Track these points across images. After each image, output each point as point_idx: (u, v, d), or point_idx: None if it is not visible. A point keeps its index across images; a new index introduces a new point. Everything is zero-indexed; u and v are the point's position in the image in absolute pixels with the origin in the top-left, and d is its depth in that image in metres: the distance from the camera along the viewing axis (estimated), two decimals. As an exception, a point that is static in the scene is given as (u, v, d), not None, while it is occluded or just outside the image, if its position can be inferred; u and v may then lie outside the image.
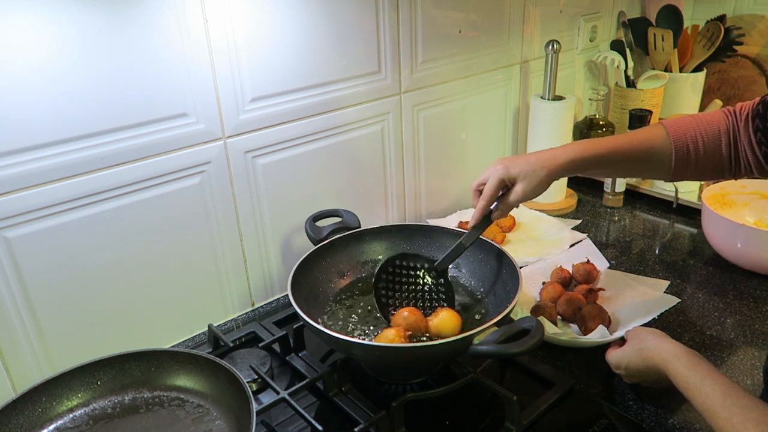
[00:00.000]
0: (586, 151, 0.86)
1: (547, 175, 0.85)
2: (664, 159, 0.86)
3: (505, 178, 0.87)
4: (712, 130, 0.85)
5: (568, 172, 0.86)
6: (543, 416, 0.82)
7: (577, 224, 1.35)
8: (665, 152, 0.86)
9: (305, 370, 0.91)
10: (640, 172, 0.93)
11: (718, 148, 0.85)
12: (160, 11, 0.84)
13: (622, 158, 0.87)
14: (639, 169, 0.92)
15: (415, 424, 0.82)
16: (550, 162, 0.85)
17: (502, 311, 0.81)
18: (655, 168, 0.89)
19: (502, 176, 0.87)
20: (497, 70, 1.38)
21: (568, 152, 0.86)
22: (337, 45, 1.05)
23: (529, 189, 0.86)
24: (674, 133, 0.86)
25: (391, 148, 1.22)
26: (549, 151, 0.87)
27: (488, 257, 0.99)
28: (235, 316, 1.09)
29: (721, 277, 1.15)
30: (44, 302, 0.85)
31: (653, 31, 1.57)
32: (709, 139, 0.85)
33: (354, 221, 1.08)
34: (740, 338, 0.98)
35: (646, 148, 0.87)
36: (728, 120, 0.85)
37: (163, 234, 0.94)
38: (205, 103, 0.93)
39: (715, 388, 0.68)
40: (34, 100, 0.77)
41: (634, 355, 0.82)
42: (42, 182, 0.80)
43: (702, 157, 0.85)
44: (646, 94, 1.54)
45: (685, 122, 0.87)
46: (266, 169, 1.04)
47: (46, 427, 0.76)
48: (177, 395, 0.81)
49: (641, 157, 0.87)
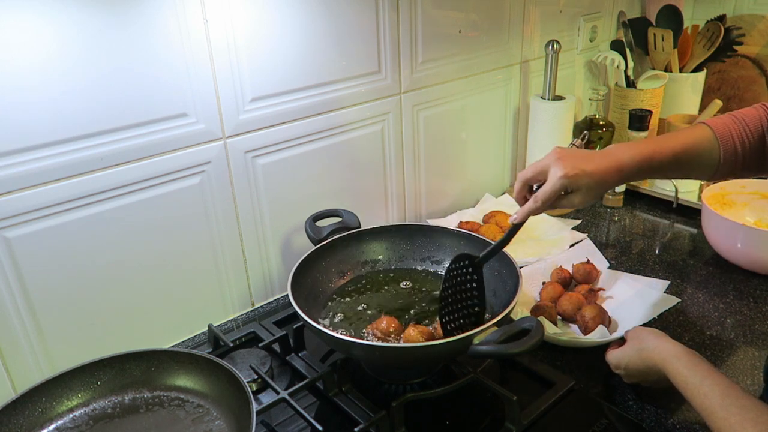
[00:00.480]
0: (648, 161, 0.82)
1: (607, 189, 0.84)
2: (712, 160, 0.85)
3: (570, 186, 0.79)
4: (755, 126, 0.84)
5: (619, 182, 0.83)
6: (543, 416, 0.82)
7: (577, 224, 1.35)
8: (714, 153, 0.84)
9: (305, 370, 0.91)
10: (686, 175, 0.91)
11: (762, 144, 0.84)
12: (160, 11, 0.84)
13: (678, 165, 0.85)
14: (686, 172, 0.89)
15: (415, 424, 0.82)
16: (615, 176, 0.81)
17: (502, 311, 0.81)
18: (701, 169, 0.87)
19: (568, 185, 0.79)
20: (497, 70, 1.38)
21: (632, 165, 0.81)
22: (337, 45, 1.05)
23: (586, 201, 0.81)
24: (721, 134, 0.84)
25: (391, 148, 1.22)
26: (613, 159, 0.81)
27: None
28: (235, 316, 1.09)
29: (721, 277, 1.15)
30: (44, 302, 0.85)
31: (653, 31, 1.57)
32: (753, 136, 0.84)
33: (354, 221, 1.08)
34: (740, 338, 0.98)
35: (700, 153, 0.85)
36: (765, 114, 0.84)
37: (163, 234, 0.94)
38: (205, 103, 0.93)
39: (714, 388, 0.68)
40: (34, 100, 0.77)
41: (633, 355, 0.82)
42: (42, 182, 0.80)
43: (748, 154, 0.84)
44: (646, 94, 1.54)
45: (728, 121, 0.85)
46: (266, 169, 1.04)
47: (46, 427, 0.76)
48: (177, 395, 0.81)
49: (695, 161, 0.85)
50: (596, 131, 1.53)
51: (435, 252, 1.06)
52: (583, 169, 0.78)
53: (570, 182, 0.78)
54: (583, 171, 0.78)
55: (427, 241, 1.06)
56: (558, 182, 0.78)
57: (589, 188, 0.79)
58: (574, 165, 0.79)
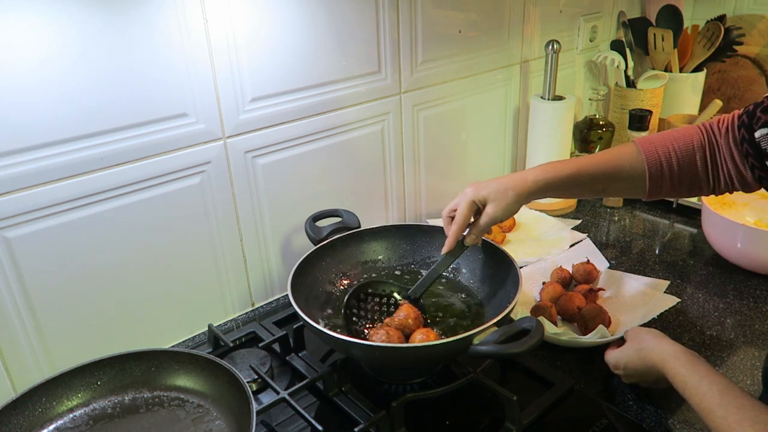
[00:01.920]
0: (554, 171, 0.86)
1: (516, 196, 0.86)
2: (638, 177, 0.86)
3: (475, 199, 0.87)
4: (686, 144, 0.84)
5: (536, 193, 0.87)
6: (543, 416, 0.82)
7: (577, 224, 1.35)
8: (638, 170, 0.85)
9: (305, 370, 0.91)
10: (613, 192, 0.93)
11: (693, 164, 0.84)
12: (160, 11, 0.84)
13: (591, 178, 0.87)
14: (611, 189, 0.91)
15: (415, 424, 0.82)
16: (519, 184, 0.86)
17: (502, 311, 0.81)
18: (628, 187, 0.88)
19: (473, 198, 0.87)
20: (497, 70, 1.38)
21: (536, 173, 0.87)
22: (337, 45, 1.05)
23: (498, 210, 0.86)
24: (646, 150, 0.85)
25: (391, 148, 1.22)
26: (519, 173, 0.88)
27: (488, 257, 0.99)
28: (235, 316, 1.09)
29: (721, 277, 1.15)
30: (44, 302, 0.85)
31: (653, 31, 1.57)
32: (683, 154, 0.84)
33: (354, 221, 1.08)
34: (740, 338, 0.98)
35: (616, 167, 0.86)
36: (702, 135, 0.84)
37: (163, 234, 0.94)
38: (205, 103, 0.93)
39: (713, 388, 0.68)
40: (33, 100, 0.77)
41: (633, 355, 0.82)
42: (42, 182, 0.80)
43: (677, 173, 0.84)
44: (646, 94, 1.54)
45: (656, 139, 0.86)
46: (266, 169, 1.04)
47: (46, 427, 0.76)
48: (177, 395, 0.81)
49: (611, 175, 0.86)
50: (596, 131, 1.53)
51: (435, 252, 1.05)
52: (486, 183, 0.88)
53: (473, 194, 0.87)
54: (485, 184, 0.88)
55: (427, 241, 1.06)
56: (464, 199, 0.88)
57: (495, 197, 0.86)
58: (479, 182, 0.89)
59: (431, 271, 0.92)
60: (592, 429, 0.80)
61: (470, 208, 0.88)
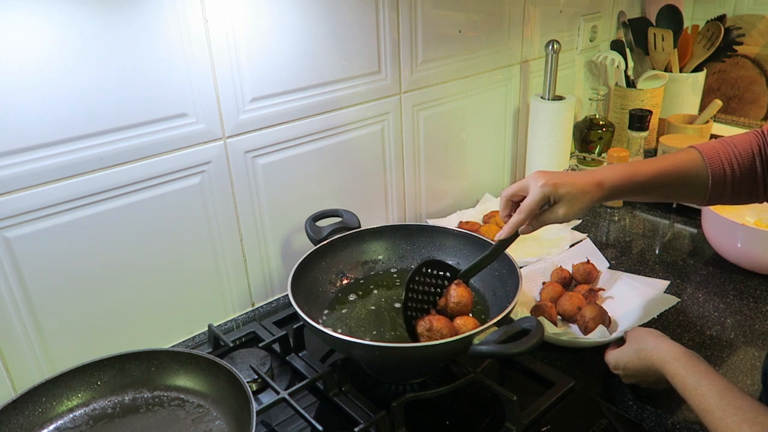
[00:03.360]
0: (629, 178, 0.84)
1: (590, 201, 0.82)
2: (701, 183, 0.84)
3: (551, 196, 0.81)
4: (746, 150, 0.83)
5: (609, 198, 0.84)
6: (543, 416, 0.82)
7: (577, 224, 1.35)
8: (702, 178, 0.84)
9: (305, 370, 0.91)
10: (676, 198, 0.91)
11: (753, 170, 0.83)
12: (160, 11, 0.84)
13: (663, 185, 0.85)
14: (676, 195, 0.89)
15: (415, 424, 0.82)
16: (596, 189, 0.82)
17: (502, 311, 0.81)
18: (691, 193, 0.87)
19: (549, 194, 0.81)
20: (497, 70, 1.38)
21: (612, 180, 0.83)
22: (337, 45, 1.05)
23: (571, 213, 0.82)
24: (709, 157, 0.84)
25: (391, 148, 1.22)
26: (594, 175, 0.83)
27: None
28: (235, 316, 1.09)
29: (721, 277, 1.15)
30: (44, 302, 0.85)
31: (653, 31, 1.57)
32: (744, 160, 0.83)
33: (354, 221, 1.08)
34: (740, 338, 0.98)
35: (683, 174, 0.85)
36: (759, 140, 0.84)
37: (163, 234, 0.94)
38: (205, 103, 0.93)
39: (712, 388, 0.68)
40: (34, 100, 0.77)
41: (632, 355, 0.82)
42: (42, 182, 0.80)
43: (738, 179, 0.84)
44: (646, 94, 1.54)
45: (718, 145, 0.85)
46: (266, 169, 1.04)
47: (46, 427, 0.76)
48: (177, 395, 0.81)
49: (681, 182, 0.85)
50: (596, 131, 1.53)
51: (435, 252, 1.05)
52: (563, 179, 0.81)
53: (551, 190, 0.80)
54: (563, 181, 0.81)
55: (427, 241, 1.06)
56: (539, 191, 0.81)
57: (571, 198, 0.81)
58: (555, 176, 0.82)
59: (484, 257, 0.89)
60: (592, 429, 0.80)
61: (542, 202, 0.82)
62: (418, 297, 0.88)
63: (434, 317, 0.84)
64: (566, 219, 0.82)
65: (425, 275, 0.89)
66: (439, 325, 0.82)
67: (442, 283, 0.90)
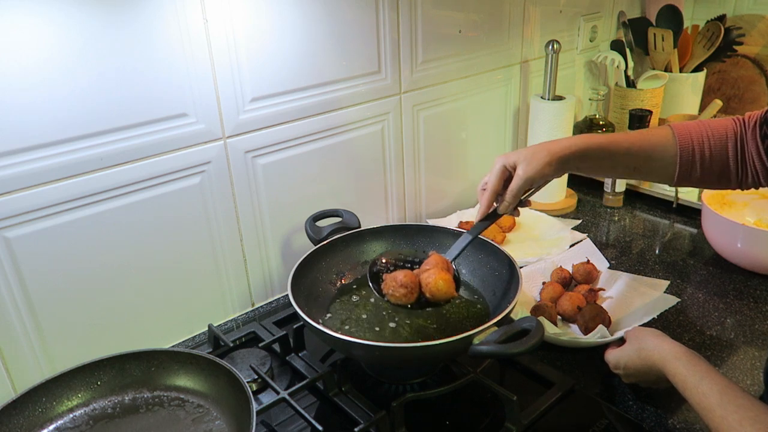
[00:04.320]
0: (589, 138, 0.86)
1: (548, 156, 0.83)
2: (669, 160, 0.86)
3: (506, 164, 0.86)
4: (719, 134, 0.84)
5: (570, 159, 0.85)
6: (543, 416, 0.82)
7: (577, 224, 1.35)
8: (670, 153, 0.85)
9: (305, 370, 0.91)
10: (643, 173, 0.92)
11: (724, 154, 0.84)
12: (160, 11, 0.84)
13: (625, 152, 0.86)
14: (643, 169, 0.90)
15: (415, 424, 0.82)
16: (552, 145, 0.85)
17: (502, 311, 0.81)
18: (659, 169, 0.88)
19: (503, 163, 0.86)
20: (497, 70, 1.38)
21: (571, 139, 0.86)
22: (337, 45, 1.05)
23: (529, 170, 0.83)
24: (680, 135, 0.85)
25: (391, 148, 1.22)
26: (548, 141, 0.87)
27: (488, 257, 0.99)
28: (235, 316, 1.09)
29: (721, 277, 1.15)
30: (44, 302, 0.85)
31: (653, 31, 1.57)
32: (716, 143, 0.84)
33: (354, 221, 1.08)
34: (740, 338, 0.98)
35: (650, 146, 0.86)
36: (736, 126, 0.84)
37: (163, 234, 0.94)
38: (205, 103, 0.93)
39: (713, 387, 0.68)
40: (33, 100, 0.77)
41: (633, 354, 0.82)
42: (42, 182, 0.80)
43: (708, 162, 0.84)
44: (646, 94, 1.54)
45: (692, 125, 0.86)
46: (266, 169, 1.04)
47: (46, 427, 0.76)
48: (177, 395, 0.81)
49: (645, 154, 0.86)
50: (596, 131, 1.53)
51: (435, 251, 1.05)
52: (516, 150, 0.88)
53: (504, 159, 0.86)
54: (516, 150, 0.87)
55: (427, 241, 1.06)
56: (495, 165, 0.87)
57: (525, 158, 0.84)
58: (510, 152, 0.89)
59: (461, 238, 0.92)
60: (592, 429, 0.80)
61: (500, 174, 0.86)
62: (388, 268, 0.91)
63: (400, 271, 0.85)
64: (528, 179, 0.84)
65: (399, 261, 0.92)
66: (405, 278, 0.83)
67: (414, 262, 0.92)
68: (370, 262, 0.92)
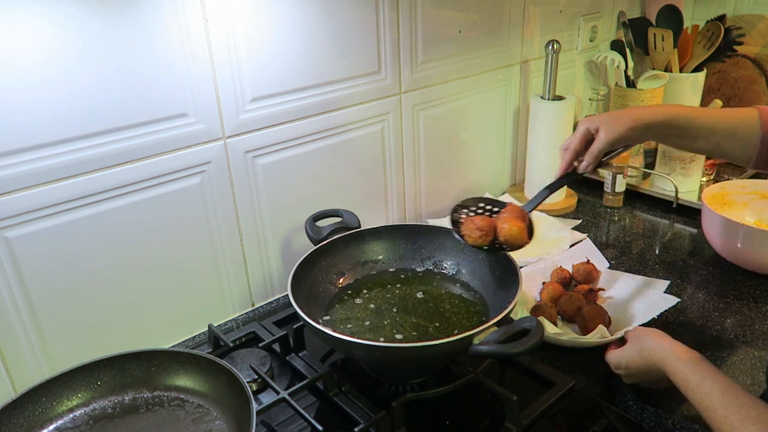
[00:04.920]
0: (675, 109, 0.86)
1: (632, 121, 0.85)
2: (751, 141, 0.84)
3: (589, 126, 0.89)
4: None
5: (653, 126, 0.86)
6: (543, 416, 0.82)
7: (577, 224, 1.35)
8: (754, 134, 0.84)
9: (305, 370, 0.91)
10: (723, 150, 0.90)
11: None
12: (160, 11, 0.84)
13: (710, 128, 0.86)
14: (724, 146, 0.88)
15: (415, 424, 0.82)
16: (636, 111, 0.87)
17: (502, 311, 0.81)
18: (739, 149, 0.86)
19: (587, 126, 0.89)
20: (497, 70, 1.38)
21: (658, 107, 0.87)
22: (337, 45, 1.05)
23: (611, 132, 0.86)
24: (765, 117, 0.84)
25: (391, 148, 1.22)
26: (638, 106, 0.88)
27: (488, 257, 0.99)
28: (235, 316, 1.09)
29: (721, 277, 1.15)
30: (44, 302, 0.85)
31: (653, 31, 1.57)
32: None
33: (354, 221, 1.08)
34: (740, 338, 0.98)
35: (735, 124, 0.85)
36: None
37: (163, 234, 0.94)
38: (205, 103, 0.93)
39: (715, 387, 0.68)
40: (34, 100, 0.77)
41: (634, 354, 0.82)
42: (42, 182, 0.80)
43: None
44: (646, 94, 1.54)
45: None
46: (266, 169, 1.04)
47: (46, 427, 0.76)
48: (177, 395, 0.81)
49: (728, 132, 0.85)
50: (596, 131, 1.53)
51: (435, 252, 1.06)
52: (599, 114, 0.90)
53: (588, 121, 0.89)
54: (599, 114, 0.90)
55: (427, 241, 1.06)
56: (579, 125, 0.90)
57: (608, 122, 0.86)
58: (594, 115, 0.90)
59: (543, 190, 0.95)
60: (592, 429, 0.80)
61: (583, 135, 0.89)
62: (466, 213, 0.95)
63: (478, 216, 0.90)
64: (609, 141, 0.87)
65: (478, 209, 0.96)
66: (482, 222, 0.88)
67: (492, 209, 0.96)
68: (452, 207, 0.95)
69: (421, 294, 0.99)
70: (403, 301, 0.97)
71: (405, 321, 0.92)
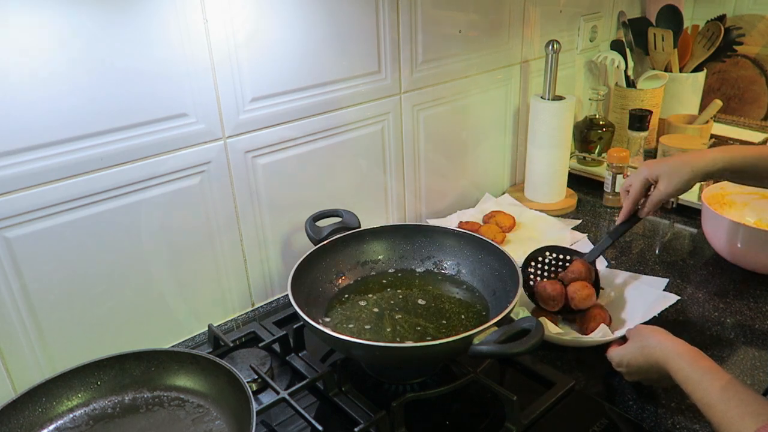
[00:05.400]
0: (733, 153, 0.88)
1: (691, 173, 0.88)
2: None
3: (648, 177, 0.94)
4: None
5: (713, 173, 0.89)
6: (543, 416, 0.82)
7: (577, 224, 1.35)
8: None
9: (305, 370, 0.91)
10: None
11: None
12: (160, 11, 0.84)
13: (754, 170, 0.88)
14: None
15: (415, 424, 0.82)
16: (696, 160, 0.89)
17: (502, 311, 0.81)
18: None
19: (646, 176, 0.94)
20: (497, 70, 1.38)
21: (716, 153, 0.89)
22: (337, 45, 1.05)
23: (670, 186, 0.91)
24: None
25: (391, 148, 1.22)
26: (695, 152, 0.90)
27: (488, 257, 0.99)
28: (235, 316, 1.09)
29: (721, 277, 1.15)
30: (44, 302, 0.85)
31: (653, 31, 1.57)
32: None
33: (354, 221, 1.08)
34: (740, 338, 0.98)
35: None
36: None
37: (163, 234, 0.94)
38: (205, 103, 0.93)
39: (715, 383, 0.68)
40: (34, 99, 0.77)
41: (636, 352, 0.82)
42: (42, 182, 0.80)
43: None
44: (646, 94, 1.54)
45: None
46: (266, 169, 1.04)
47: (46, 427, 0.76)
48: (177, 395, 0.81)
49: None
50: (596, 131, 1.53)
51: (435, 252, 1.05)
52: (659, 161, 0.95)
53: (648, 171, 0.94)
54: (659, 161, 0.95)
55: (427, 241, 1.06)
56: (639, 174, 0.96)
57: (668, 173, 0.91)
58: (653, 161, 0.96)
59: (606, 238, 1.03)
60: (592, 429, 0.80)
61: (643, 184, 0.95)
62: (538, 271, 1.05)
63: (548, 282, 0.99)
64: (670, 193, 0.92)
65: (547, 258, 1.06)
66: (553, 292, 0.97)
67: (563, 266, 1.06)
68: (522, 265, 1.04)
69: (421, 294, 0.99)
70: (403, 301, 0.97)
71: (405, 321, 0.92)
